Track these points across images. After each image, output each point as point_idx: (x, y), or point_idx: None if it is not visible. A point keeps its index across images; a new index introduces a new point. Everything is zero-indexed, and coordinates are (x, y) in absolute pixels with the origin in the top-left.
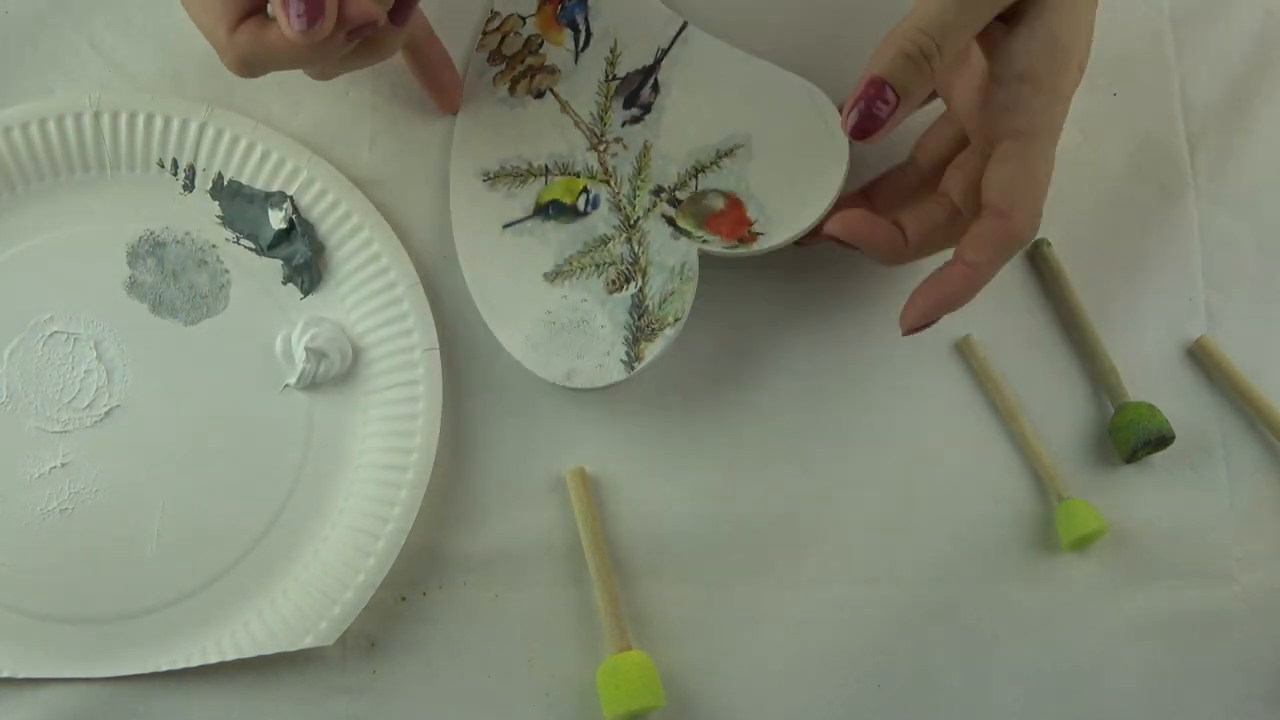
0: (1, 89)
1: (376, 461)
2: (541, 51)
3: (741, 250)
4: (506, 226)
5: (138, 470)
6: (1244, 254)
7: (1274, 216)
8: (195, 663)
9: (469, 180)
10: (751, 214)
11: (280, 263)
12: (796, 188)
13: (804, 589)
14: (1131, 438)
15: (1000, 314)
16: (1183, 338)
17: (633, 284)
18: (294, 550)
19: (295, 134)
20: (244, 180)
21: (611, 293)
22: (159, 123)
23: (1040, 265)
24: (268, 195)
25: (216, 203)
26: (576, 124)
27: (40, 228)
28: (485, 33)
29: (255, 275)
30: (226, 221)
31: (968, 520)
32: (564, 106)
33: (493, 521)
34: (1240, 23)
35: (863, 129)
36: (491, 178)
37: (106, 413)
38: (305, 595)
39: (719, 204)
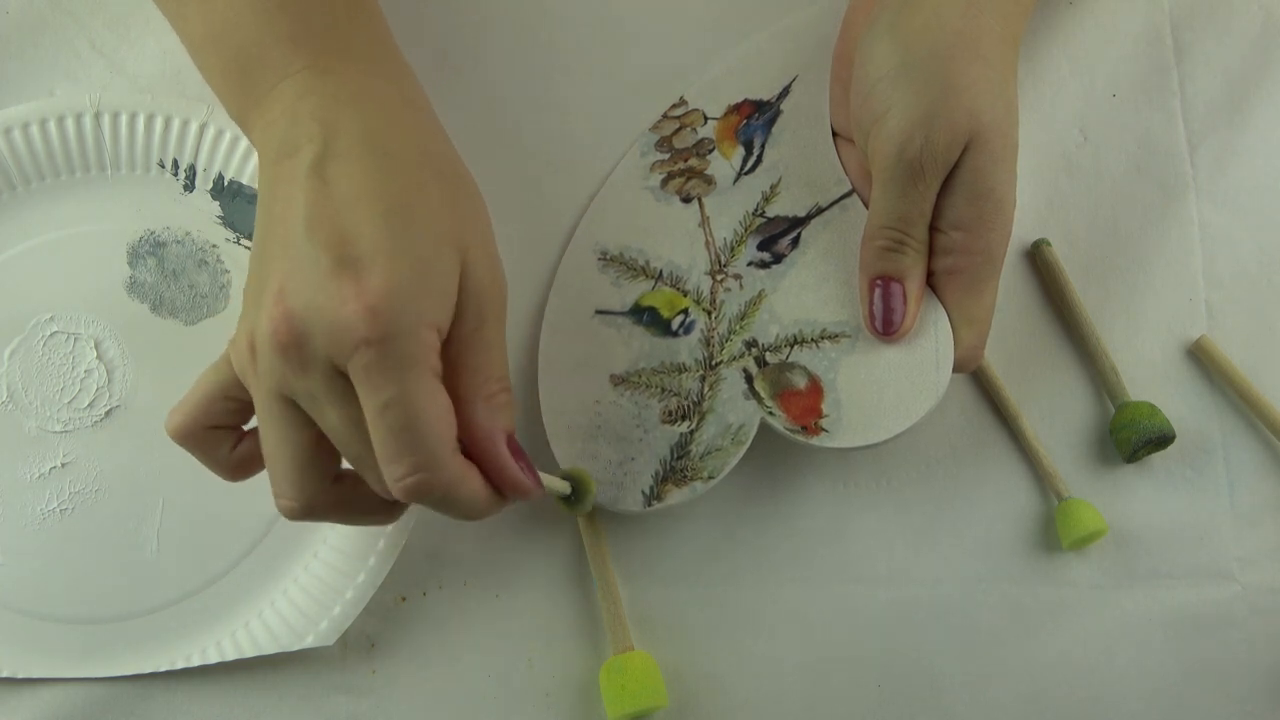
0: (2, 89)
1: None
2: (708, 158)
3: (800, 438)
4: (599, 312)
5: (138, 470)
6: (1244, 254)
7: (1274, 216)
8: (195, 663)
9: (585, 251)
10: (826, 408)
11: None
12: (878, 400)
13: (805, 588)
14: (1132, 437)
15: (1000, 314)
16: (1183, 338)
17: (687, 423)
18: (294, 550)
19: None
20: (244, 180)
21: (663, 422)
22: (159, 123)
23: (1040, 265)
24: None
25: (217, 203)
26: (707, 244)
27: (41, 228)
28: (666, 116)
29: None
30: (227, 221)
31: (968, 520)
32: (704, 221)
33: (493, 521)
34: (1240, 23)
35: (887, 321)
36: (607, 259)
37: (107, 413)
38: (305, 595)
39: (801, 383)
